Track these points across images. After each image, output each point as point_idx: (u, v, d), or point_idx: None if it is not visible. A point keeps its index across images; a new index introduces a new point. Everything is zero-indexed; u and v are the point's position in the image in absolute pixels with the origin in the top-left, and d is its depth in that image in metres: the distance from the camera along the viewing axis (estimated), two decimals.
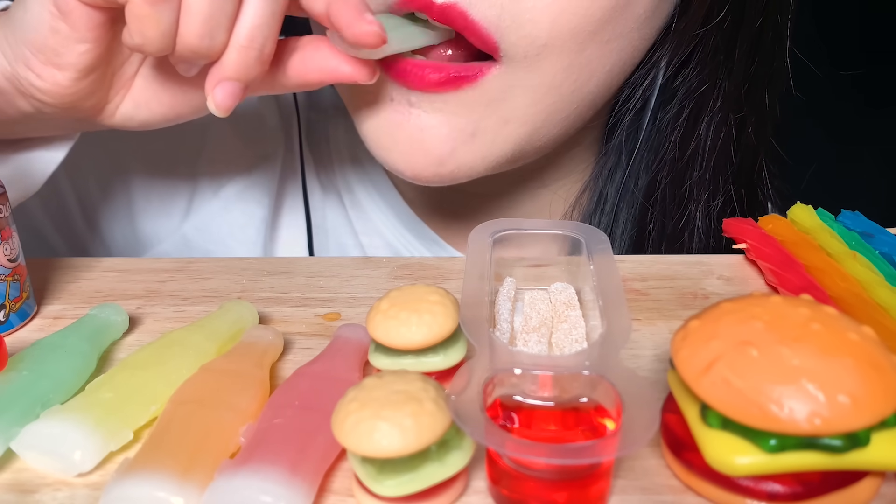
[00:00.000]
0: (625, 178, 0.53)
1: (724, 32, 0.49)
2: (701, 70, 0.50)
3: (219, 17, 0.37)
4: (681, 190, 0.52)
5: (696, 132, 0.51)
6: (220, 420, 0.31)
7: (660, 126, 0.51)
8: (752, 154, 0.53)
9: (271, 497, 0.27)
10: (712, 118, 0.50)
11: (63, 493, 0.30)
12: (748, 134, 0.52)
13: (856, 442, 0.27)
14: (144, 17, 0.36)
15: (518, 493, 0.28)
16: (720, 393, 0.27)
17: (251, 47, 0.38)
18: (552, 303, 0.40)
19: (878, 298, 0.38)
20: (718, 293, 0.43)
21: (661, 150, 0.52)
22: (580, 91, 0.46)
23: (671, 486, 0.30)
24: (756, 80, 0.51)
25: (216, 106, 0.39)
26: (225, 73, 0.38)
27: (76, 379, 0.35)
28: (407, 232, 0.60)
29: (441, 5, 0.41)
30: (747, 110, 0.51)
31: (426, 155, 0.45)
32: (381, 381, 0.28)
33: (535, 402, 0.30)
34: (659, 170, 0.52)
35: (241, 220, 0.60)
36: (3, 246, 0.39)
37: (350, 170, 0.62)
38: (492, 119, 0.45)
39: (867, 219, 0.46)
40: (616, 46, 0.45)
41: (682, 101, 0.50)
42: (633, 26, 0.45)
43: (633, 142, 0.52)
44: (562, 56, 0.43)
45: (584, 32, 0.43)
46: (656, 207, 0.52)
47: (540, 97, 0.45)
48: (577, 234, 0.40)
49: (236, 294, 0.43)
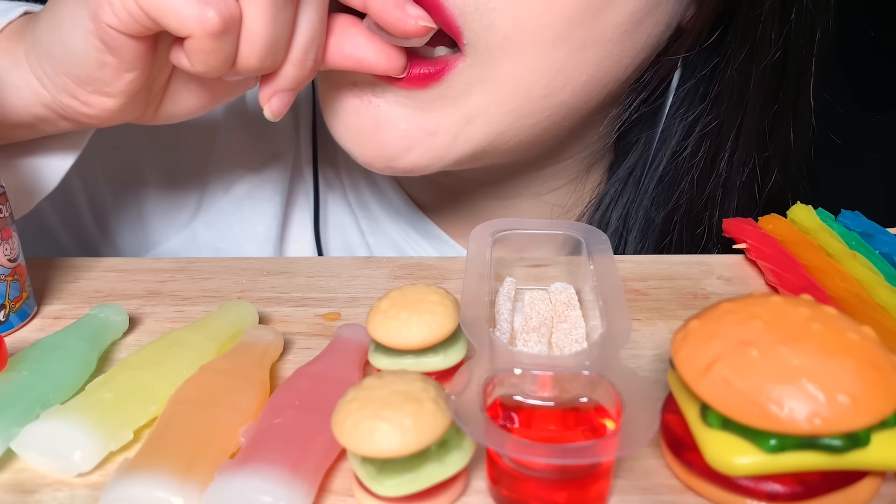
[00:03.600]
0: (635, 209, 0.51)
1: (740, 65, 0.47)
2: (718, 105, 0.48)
3: (279, 40, 0.37)
4: (696, 233, 0.50)
5: (714, 172, 0.49)
6: (220, 420, 0.31)
7: (676, 163, 0.50)
8: (778, 195, 0.51)
9: (271, 497, 0.27)
10: (731, 157, 0.49)
11: (63, 493, 0.30)
12: (773, 175, 0.50)
13: (856, 442, 0.27)
14: (209, 51, 0.35)
15: (518, 493, 0.28)
16: (720, 393, 0.27)
17: (307, 59, 0.39)
18: (552, 303, 0.40)
19: (878, 298, 0.38)
20: (718, 293, 0.43)
21: (677, 189, 0.50)
22: (552, 98, 0.44)
23: (671, 486, 0.30)
24: (779, 118, 0.49)
25: (272, 115, 0.40)
26: (281, 86, 0.39)
27: (76, 379, 0.35)
28: (412, 231, 0.60)
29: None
30: (771, 150, 0.49)
31: (380, 148, 0.45)
32: (381, 381, 0.28)
33: (535, 402, 0.30)
34: (675, 209, 0.50)
35: (251, 218, 0.60)
36: (3, 246, 0.39)
37: (355, 168, 0.62)
38: (454, 118, 0.44)
39: (867, 219, 0.46)
40: (592, 56, 0.44)
41: (698, 140, 0.49)
42: (610, 37, 0.43)
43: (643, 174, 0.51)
44: (527, 54, 0.42)
45: (551, 31, 0.42)
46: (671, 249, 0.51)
47: (505, 97, 0.44)
48: (577, 234, 0.39)
49: (236, 294, 0.43)
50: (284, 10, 0.36)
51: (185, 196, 0.60)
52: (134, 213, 0.60)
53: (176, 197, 0.60)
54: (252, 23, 0.36)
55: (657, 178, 0.51)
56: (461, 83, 0.43)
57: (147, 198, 0.60)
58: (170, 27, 0.35)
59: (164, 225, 0.60)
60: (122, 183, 0.59)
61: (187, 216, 0.60)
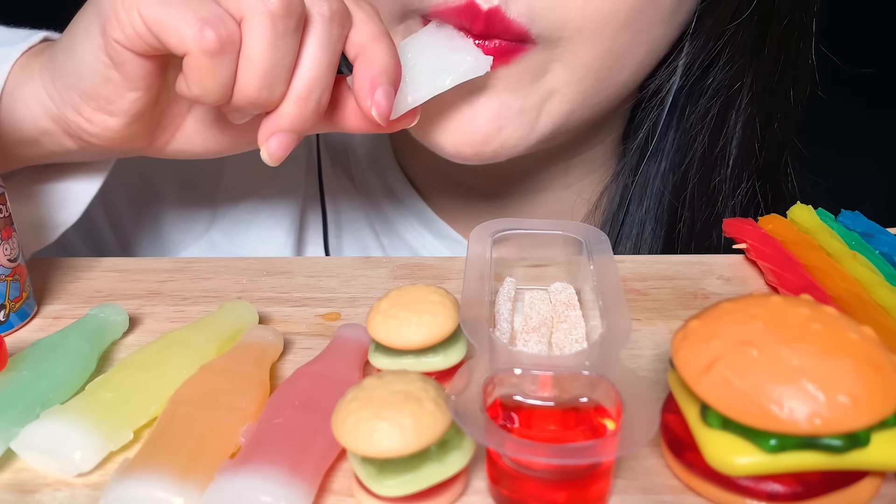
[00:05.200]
0: (652, 175, 0.53)
1: (753, 30, 0.50)
2: (730, 68, 0.51)
3: (278, 70, 0.36)
4: (709, 188, 0.52)
5: (724, 130, 0.52)
6: (220, 420, 0.31)
7: (688, 124, 0.52)
8: (777, 150, 0.54)
9: (271, 497, 0.27)
10: (739, 116, 0.51)
11: (63, 493, 0.30)
12: (773, 130, 0.53)
13: (856, 442, 0.27)
14: (204, 70, 0.35)
15: (518, 493, 0.28)
16: (720, 393, 0.27)
17: (309, 99, 0.38)
18: (552, 303, 0.40)
19: (878, 298, 0.38)
20: (718, 293, 0.43)
21: (690, 149, 0.52)
22: (614, 79, 0.47)
23: (671, 486, 0.30)
24: (783, 77, 0.52)
25: (269, 156, 0.39)
26: (280, 125, 0.38)
27: (76, 379, 0.35)
28: (427, 232, 0.60)
29: (487, 12, 0.42)
30: (773, 107, 0.52)
31: (473, 132, 0.45)
32: (381, 381, 0.28)
33: (535, 402, 0.30)
34: (688, 168, 0.52)
35: (268, 224, 0.60)
36: (3, 246, 0.39)
37: (369, 172, 0.62)
38: (537, 94, 0.46)
39: (867, 219, 0.46)
40: (646, 38, 0.47)
41: (710, 99, 0.51)
42: (660, 18, 0.47)
43: (659, 138, 0.53)
44: (598, 42, 0.45)
45: (618, 20, 0.44)
46: (685, 206, 0.53)
47: (580, 77, 0.46)
48: (577, 234, 0.39)
49: (236, 294, 0.43)
50: (286, 38, 0.36)
51: (201, 206, 0.60)
52: (150, 225, 0.60)
53: (192, 207, 0.60)
54: (250, 46, 0.35)
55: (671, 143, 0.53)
56: (538, 60, 0.45)
57: (164, 209, 0.60)
58: (169, 43, 0.35)
59: (182, 235, 0.61)
60: (139, 195, 0.60)
61: (204, 225, 0.61)
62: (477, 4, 0.43)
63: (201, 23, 0.34)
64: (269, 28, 0.35)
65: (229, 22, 0.35)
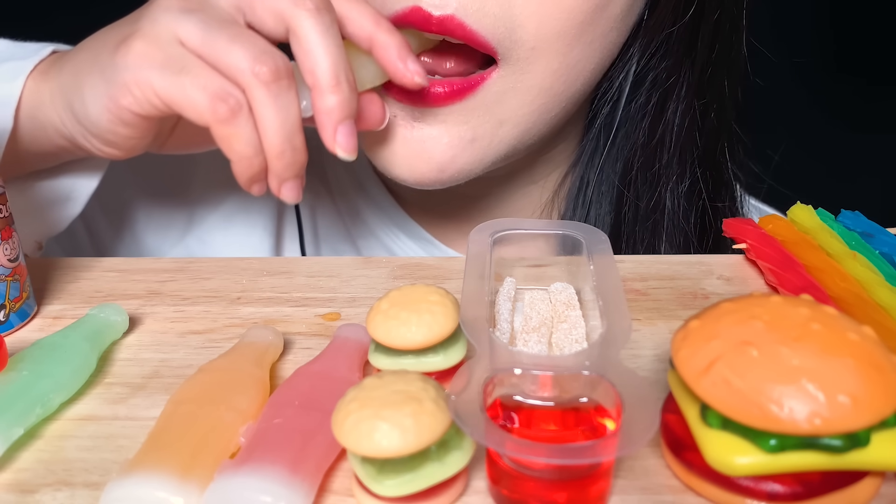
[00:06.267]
0: (602, 163, 0.56)
1: (687, 26, 0.52)
2: (667, 62, 0.53)
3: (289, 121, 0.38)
4: (651, 172, 0.54)
5: (663, 118, 0.54)
6: (220, 420, 0.31)
7: (632, 114, 0.54)
8: (715, 137, 0.56)
9: (271, 497, 0.27)
10: (678, 105, 0.53)
11: (63, 493, 0.30)
12: (710, 119, 0.55)
13: (856, 442, 0.27)
14: (229, 137, 0.38)
15: (518, 493, 0.28)
16: (720, 393, 0.27)
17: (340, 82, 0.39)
18: (552, 303, 0.40)
19: (878, 298, 0.38)
20: (718, 293, 0.43)
21: (633, 136, 0.54)
22: (569, 91, 0.48)
23: (671, 486, 0.30)
24: (716, 68, 0.54)
25: (344, 151, 0.40)
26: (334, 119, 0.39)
27: (76, 379, 0.35)
28: (403, 234, 0.61)
29: (439, 18, 0.43)
30: (709, 97, 0.54)
31: (428, 163, 0.47)
32: (381, 381, 0.28)
33: (535, 402, 0.30)
34: (632, 154, 0.54)
35: (243, 231, 0.61)
36: (3, 246, 0.39)
37: (344, 175, 0.62)
38: (489, 124, 0.47)
39: (867, 219, 0.46)
40: (598, 46, 0.48)
41: (649, 90, 0.53)
42: (612, 26, 0.48)
43: (609, 130, 0.55)
44: (551, 59, 0.46)
45: (569, 35, 0.45)
46: (630, 190, 0.55)
47: (531, 98, 0.47)
48: (577, 234, 0.39)
49: (236, 294, 0.43)
50: (288, 93, 0.38)
51: (176, 212, 0.61)
52: (128, 233, 0.61)
53: (166, 213, 0.61)
54: (258, 109, 0.38)
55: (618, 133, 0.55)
56: (494, 92, 0.46)
57: (137, 216, 0.61)
58: (189, 116, 0.38)
59: (158, 242, 0.61)
60: (114, 204, 0.61)
61: (179, 232, 0.61)
62: (424, 10, 0.43)
63: (212, 98, 0.37)
64: (266, 92, 0.37)
65: (235, 91, 0.38)
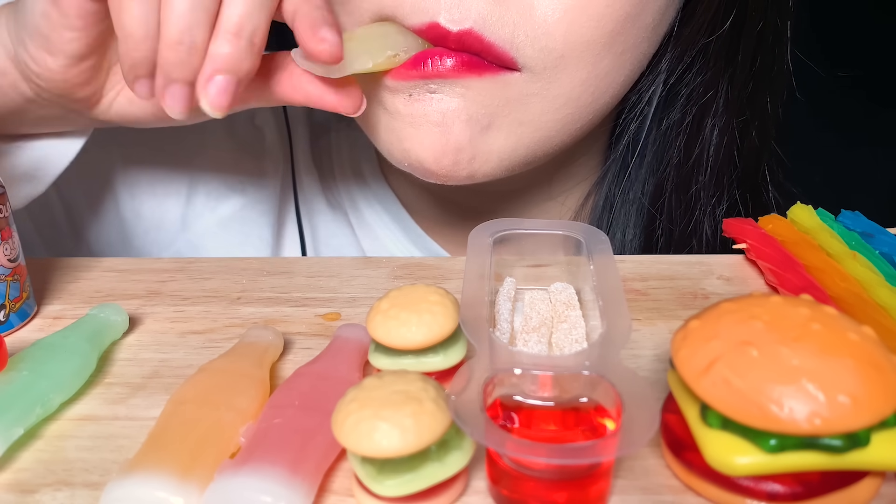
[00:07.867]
0: (631, 183, 0.53)
1: (726, 38, 0.49)
2: (704, 75, 0.50)
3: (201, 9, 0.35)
4: (687, 195, 0.52)
5: (700, 137, 0.51)
6: (220, 420, 0.31)
7: (665, 131, 0.52)
8: (755, 157, 0.53)
9: (271, 497, 0.27)
10: (716, 122, 0.51)
11: (63, 493, 0.30)
12: (751, 137, 0.52)
13: (856, 442, 0.27)
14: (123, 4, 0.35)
15: (518, 493, 0.28)
16: (720, 393, 0.27)
17: (240, 35, 0.35)
18: (552, 303, 0.40)
19: (878, 298, 0.38)
20: (718, 293, 0.42)
21: (666, 156, 0.52)
22: (597, 103, 0.46)
23: (671, 486, 0.30)
24: (758, 83, 0.51)
25: (210, 105, 0.36)
26: (214, 66, 0.35)
27: (76, 379, 0.35)
28: (414, 248, 0.60)
29: (457, 34, 0.41)
30: (750, 114, 0.51)
31: (446, 139, 0.44)
32: (381, 381, 0.28)
33: (535, 402, 0.30)
34: (665, 175, 0.52)
35: (237, 240, 0.59)
36: (3, 246, 0.39)
37: (354, 185, 0.61)
38: (508, 117, 0.44)
39: (867, 219, 0.46)
40: (629, 57, 0.46)
41: (685, 106, 0.51)
42: (643, 36, 0.46)
43: (637, 147, 0.52)
44: (580, 68, 0.44)
45: (599, 44, 0.43)
46: (663, 213, 0.52)
47: (557, 107, 0.45)
48: (577, 234, 0.39)
49: (236, 294, 0.43)
50: None
51: (169, 214, 0.60)
52: (116, 232, 0.60)
53: (157, 215, 0.60)
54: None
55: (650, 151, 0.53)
56: (516, 90, 0.44)
57: (128, 217, 0.60)
58: None
59: (148, 245, 0.60)
60: (101, 203, 0.59)
61: (171, 234, 0.60)
62: (442, 27, 0.41)
63: None
64: None
65: None
